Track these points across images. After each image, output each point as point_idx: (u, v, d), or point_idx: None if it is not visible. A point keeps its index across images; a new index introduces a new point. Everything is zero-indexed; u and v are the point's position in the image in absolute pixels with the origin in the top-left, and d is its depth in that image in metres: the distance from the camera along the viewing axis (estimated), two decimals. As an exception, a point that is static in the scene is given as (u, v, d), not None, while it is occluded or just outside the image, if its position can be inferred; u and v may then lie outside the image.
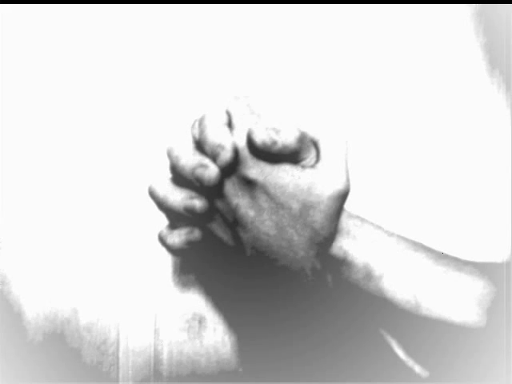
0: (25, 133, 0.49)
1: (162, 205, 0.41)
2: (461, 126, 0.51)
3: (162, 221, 0.43)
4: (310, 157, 0.40)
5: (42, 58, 0.50)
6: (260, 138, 0.38)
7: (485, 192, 0.50)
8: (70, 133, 0.49)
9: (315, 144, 0.40)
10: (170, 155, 0.41)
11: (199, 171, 0.38)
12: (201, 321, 0.48)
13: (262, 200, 0.39)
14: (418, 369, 0.43)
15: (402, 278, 0.40)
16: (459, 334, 0.39)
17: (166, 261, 0.48)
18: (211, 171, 0.38)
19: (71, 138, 0.49)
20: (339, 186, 0.39)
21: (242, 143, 0.39)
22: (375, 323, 0.41)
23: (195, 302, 0.48)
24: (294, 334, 0.38)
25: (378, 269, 0.41)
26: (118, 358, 0.47)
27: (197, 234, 0.41)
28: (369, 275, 0.41)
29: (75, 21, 0.50)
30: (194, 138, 0.41)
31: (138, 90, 0.50)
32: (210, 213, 0.40)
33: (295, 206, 0.38)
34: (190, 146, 0.41)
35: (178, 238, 0.41)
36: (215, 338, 0.48)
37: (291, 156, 0.39)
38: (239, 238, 0.39)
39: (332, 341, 0.38)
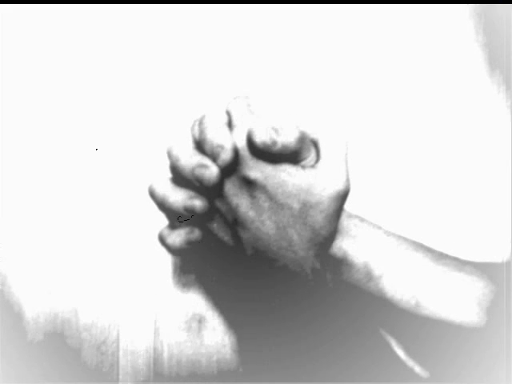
0: (25, 133, 0.49)
1: (162, 205, 0.41)
2: (461, 125, 0.51)
3: (162, 221, 0.43)
4: (310, 157, 0.40)
5: (42, 57, 0.50)
6: (260, 138, 0.38)
7: (485, 192, 0.50)
8: (71, 133, 0.49)
9: (315, 144, 0.40)
10: (169, 155, 0.41)
11: (199, 171, 0.38)
12: (201, 321, 0.48)
13: (262, 200, 0.39)
14: (417, 369, 0.43)
15: (402, 278, 0.40)
16: (459, 334, 0.39)
17: (166, 261, 0.48)
18: (211, 171, 0.38)
19: (71, 138, 0.49)
20: (339, 186, 0.39)
21: (241, 143, 0.39)
22: (375, 323, 0.41)
23: (195, 302, 0.48)
24: (293, 334, 0.38)
25: (377, 269, 0.41)
26: (117, 358, 0.47)
27: (197, 233, 0.41)
28: (368, 275, 0.41)
29: (75, 21, 0.50)
30: (193, 138, 0.41)
31: (138, 90, 0.50)
32: (210, 213, 0.40)
33: (295, 205, 0.38)
34: (190, 146, 0.40)
35: (177, 237, 0.41)
36: (215, 338, 0.48)
37: (291, 156, 0.39)
38: (239, 237, 0.39)
39: (332, 341, 0.38)
